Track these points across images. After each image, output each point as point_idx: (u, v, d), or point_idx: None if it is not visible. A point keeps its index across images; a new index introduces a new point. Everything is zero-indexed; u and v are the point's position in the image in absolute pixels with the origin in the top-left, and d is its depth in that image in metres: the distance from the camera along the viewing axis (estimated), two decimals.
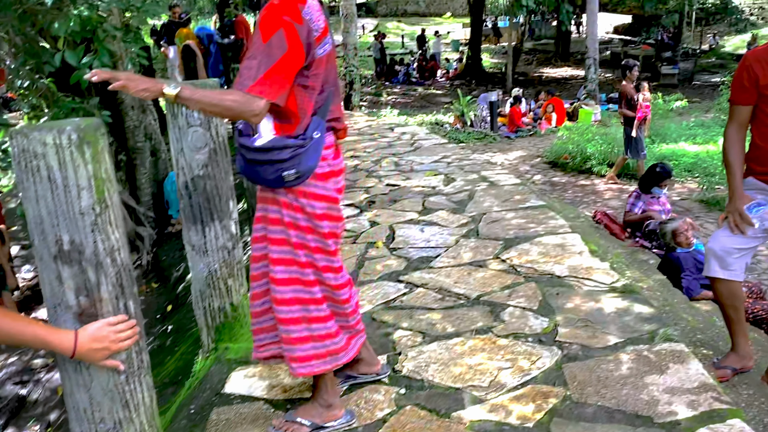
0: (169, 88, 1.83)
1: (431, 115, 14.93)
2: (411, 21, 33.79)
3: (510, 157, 11.40)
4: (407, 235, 4.30)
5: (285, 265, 2.13)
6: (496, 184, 5.40)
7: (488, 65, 24.31)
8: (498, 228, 4.30)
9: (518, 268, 3.63)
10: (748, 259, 2.87)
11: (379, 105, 16.35)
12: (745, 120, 2.81)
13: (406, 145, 7.28)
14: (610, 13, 32.19)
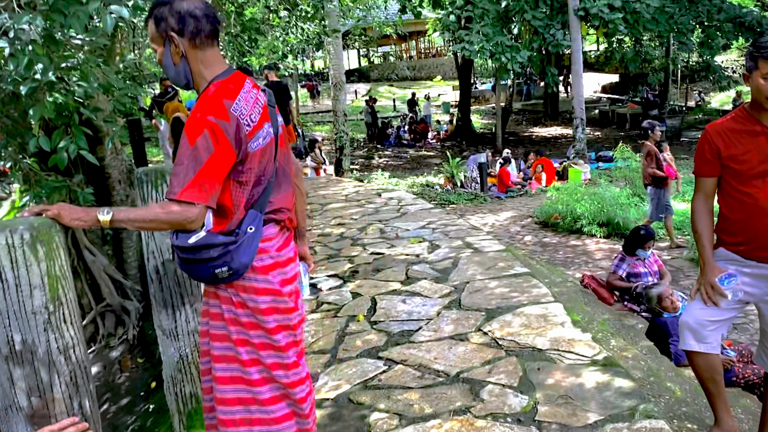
0: (102, 215, 1.82)
1: (422, 177, 15.09)
2: (402, 85, 34.55)
3: (501, 217, 11.44)
4: (389, 307, 4.26)
5: (226, 363, 2.06)
6: (481, 251, 5.39)
7: (478, 126, 24.71)
8: (481, 298, 4.26)
9: (500, 341, 3.58)
10: (724, 331, 2.84)
11: (370, 168, 16.52)
12: (711, 191, 2.83)
13: (392, 211, 7.31)
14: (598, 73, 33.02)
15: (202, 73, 2.01)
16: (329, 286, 4.84)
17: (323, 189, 9.33)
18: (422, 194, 12.73)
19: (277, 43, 12.97)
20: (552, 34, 15.28)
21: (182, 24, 1.95)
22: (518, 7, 15.39)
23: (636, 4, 15.37)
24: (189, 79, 2.04)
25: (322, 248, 5.90)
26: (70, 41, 3.17)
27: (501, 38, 14.65)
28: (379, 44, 37.66)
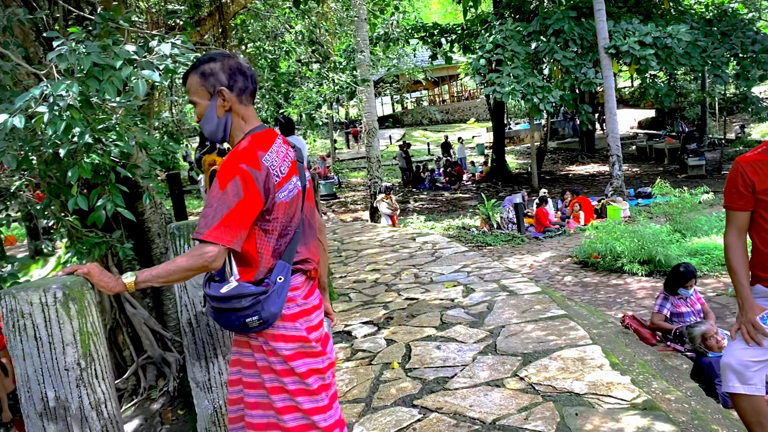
0: (126, 278, 1.90)
1: (458, 220, 15.05)
2: (436, 129, 34.84)
3: (539, 258, 11.30)
4: (423, 353, 4.22)
5: (262, 410, 2.10)
6: (516, 293, 5.32)
7: (514, 166, 24.66)
8: (516, 342, 4.20)
9: (536, 386, 3.51)
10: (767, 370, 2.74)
11: (406, 212, 16.57)
12: (744, 225, 2.77)
13: (426, 255, 7.30)
14: (633, 109, 32.82)
15: (242, 127, 2.12)
16: (364, 333, 4.83)
17: (358, 235, 9.38)
18: (458, 237, 12.69)
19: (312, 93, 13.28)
20: (583, 73, 15.30)
21: (233, 80, 2.08)
22: (548, 48, 15.48)
23: (667, 40, 15.33)
24: (227, 132, 2.14)
25: (357, 295, 5.91)
26: (105, 104, 3.31)
27: (532, 79, 14.73)
28: (411, 90, 38.18)
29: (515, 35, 15.60)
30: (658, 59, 15.43)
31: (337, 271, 6.92)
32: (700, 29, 17.37)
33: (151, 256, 7.06)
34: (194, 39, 6.34)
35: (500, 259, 10.71)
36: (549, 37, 15.62)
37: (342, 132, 33.29)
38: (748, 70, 17.52)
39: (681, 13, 19.01)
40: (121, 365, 7.22)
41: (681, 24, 16.22)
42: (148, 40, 3.74)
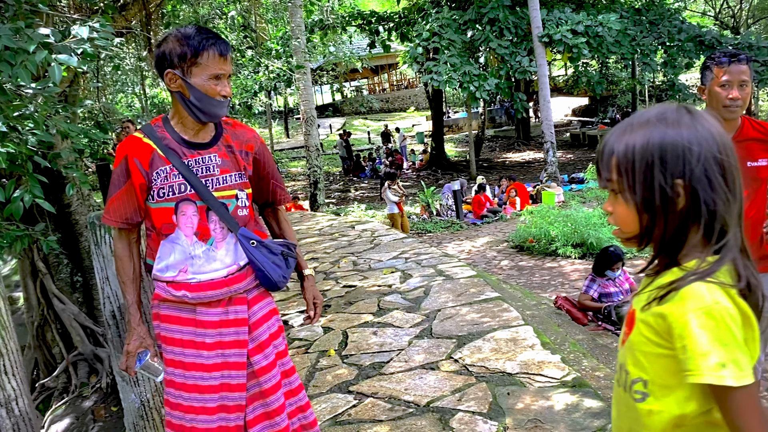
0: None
1: None
2: (377, 117, 34.85)
3: (477, 243, 11.47)
4: (360, 340, 4.22)
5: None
6: (452, 278, 5.38)
7: (453, 154, 24.93)
8: (452, 325, 4.24)
9: (470, 367, 3.55)
10: None
11: (347, 201, 16.54)
12: None
13: (365, 243, 7.30)
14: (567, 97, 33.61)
15: None
16: (301, 322, 4.79)
17: (297, 225, 9.30)
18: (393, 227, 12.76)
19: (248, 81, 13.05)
20: (518, 62, 15.55)
21: None
22: (483, 36, 15.66)
23: (598, 28, 15.72)
24: None
25: (294, 284, 5.85)
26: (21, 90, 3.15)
27: (468, 68, 14.88)
28: (351, 78, 38.04)
29: (451, 23, 15.72)
30: (589, 47, 15.81)
31: None
32: (629, 18, 17.90)
33: (80, 249, 6.83)
34: (119, 24, 6.11)
35: (440, 245, 10.82)
36: (484, 25, 15.81)
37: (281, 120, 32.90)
38: (674, 58, 18.17)
39: (611, 2, 19.53)
40: (50, 363, 6.96)
41: (611, 13, 16.66)
42: (69, 25, 3.58)
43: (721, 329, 1.03)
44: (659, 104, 1.17)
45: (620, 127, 1.17)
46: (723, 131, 1.12)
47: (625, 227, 1.17)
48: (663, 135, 1.09)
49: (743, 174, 2.70)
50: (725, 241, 1.10)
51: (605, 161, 1.16)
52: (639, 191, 1.11)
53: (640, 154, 1.10)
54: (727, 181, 1.09)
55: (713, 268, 1.08)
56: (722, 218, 1.08)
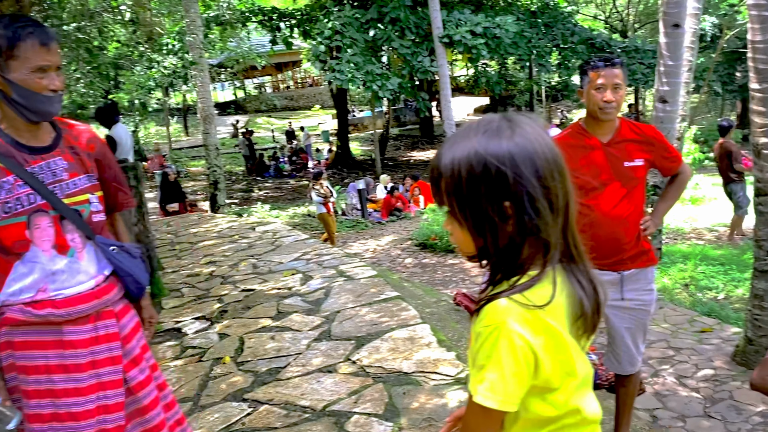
0: None
1: (304, 207, 14.98)
2: (281, 115, 34.39)
3: (382, 242, 11.54)
4: (257, 345, 4.12)
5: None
6: (353, 278, 5.36)
7: (358, 153, 24.99)
8: (351, 326, 4.22)
9: (367, 368, 3.54)
10: None
11: (250, 201, 16.21)
12: None
13: (266, 245, 7.15)
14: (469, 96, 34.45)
15: None
16: (195, 329, 4.62)
17: (194, 227, 9.00)
18: (304, 225, 12.62)
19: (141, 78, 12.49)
20: (420, 61, 15.74)
21: None
22: (385, 36, 15.76)
23: (496, 30, 16.16)
24: None
25: (190, 289, 5.65)
26: None
27: (371, 67, 14.92)
28: (254, 75, 37.33)
29: (353, 22, 15.71)
30: (488, 48, 16.22)
31: (169, 265, 6.58)
32: (525, 21, 18.53)
33: None
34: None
35: (345, 244, 10.80)
36: (386, 25, 15.90)
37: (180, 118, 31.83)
38: (568, 59, 18.98)
39: (509, 4, 20.15)
40: None
41: (508, 15, 17.18)
42: None
43: (498, 349, 1.03)
44: (484, 116, 1.15)
45: (447, 144, 1.13)
46: (546, 140, 1.11)
47: (463, 247, 1.15)
48: (485, 151, 1.06)
49: (621, 174, 2.82)
50: (550, 255, 1.10)
51: (435, 182, 1.13)
52: (468, 214, 1.09)
53: (465, 176, 1.07)
54: (549, 193, 1.08)
55: (527, 284, 1.08)
56: (546, 232, 1.08)
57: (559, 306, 1.12)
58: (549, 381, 1.09)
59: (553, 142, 1.13)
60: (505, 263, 1.13)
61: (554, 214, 1.09)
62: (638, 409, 4.77)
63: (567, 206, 1.13)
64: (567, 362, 1.10)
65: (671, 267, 8.42)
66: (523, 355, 1.04)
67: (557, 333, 1.09)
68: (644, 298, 2.91)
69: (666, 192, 3.04)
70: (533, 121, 1.14)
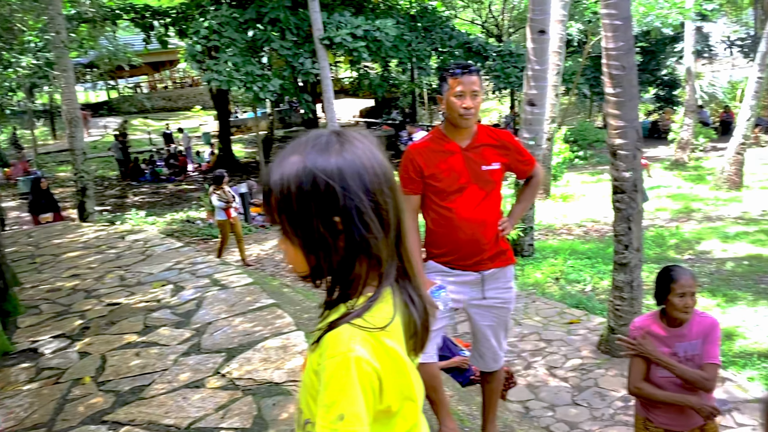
0: None
1: (182, 213, 14.45)
2: (159, 117, 32.97)
3: (266, 247, 11.35)
4: (120, 363, 3.89)
5: None
6: (228, 287, 5.20)
7: (242, 156, 24.44)
8: (222, 337, 4.08)
9: (237, 381, 3.43)
10: (438, 340, 3.00)
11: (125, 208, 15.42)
12: (415, 207, 2.98)
13: (136, 254, 6.80)
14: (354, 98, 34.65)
15: None
16: (54, 348, 4.29)
17: (58, 237, 8.41)
18: (182, 231, 12.16)
19: None
20: (301, 63, 15.60)
21: None
22: (265, 36, 15.49)
23: (376, 33, 16.31)
24: None
25: (50, 305, 5.26)
26: None
27: (251, 67, 14.60)
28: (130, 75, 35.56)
29: (231, 21, 15.32)
30: (369, 51, 16.33)
31: (27, 280, 6.10)
32: (405, 24, 18.84)
33: None
34: None
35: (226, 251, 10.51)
36: (266, 25, 15.63)
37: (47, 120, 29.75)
38: (446, 63, 19.51)
39: (389, 8, 20.42)
40: None
41: (388, 18, 17.39)
42: None
43: (349, 380, 0.99)
44: (313, 131, 1.13)
45: (277, 160, 1.10)
46: (376, 155, 1.09)
47: (296, 266, 1.12)
48: (313, 166, 1.04)
49: (480, 177, 2.89)
50: (383, 272, 1.09)
51: (266, 199, 1.09)
52: (299, 231, 1.06)
53: (294, 192, 1.04)
54: (379, 208, 1.06)
55: (366, 306, 1.06)
56: (377, 247, 1.06)
57: (397, 326, 1.11)
58: (390, 405, 1.07)
59: (384, 158, 1.12)
60: (340, 282, 1.10)
61: (385, 230, 1.07)
62: (511, 402, 4.97)
63: (399, 222, 1.12)
64: (407, 385, 1.09)
65: (543, 262, 8.85)
66: (370, 382, 1.01)
67: (397, 355, 1.07)
68: (504, 296, 3.02)
69: (521, 194, 3.17)
70: (364, 137, 1.12)
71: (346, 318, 1.05)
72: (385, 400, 1.05)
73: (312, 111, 19.50)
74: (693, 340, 2.86)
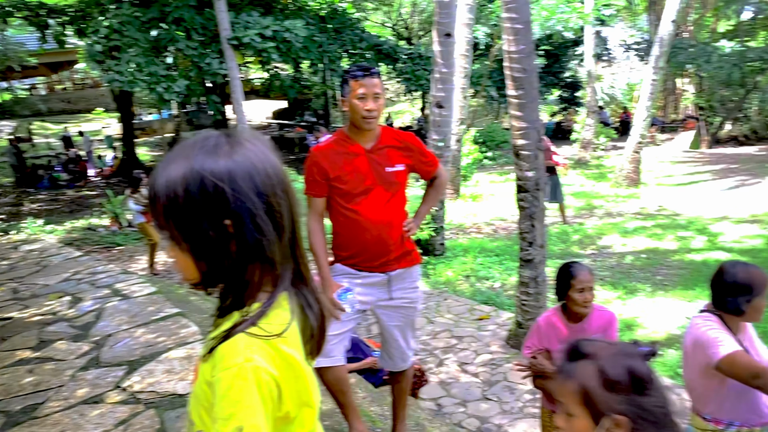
0: None
1: (84, 220, 13.76)
2: (58, 120, 31.32)
3: None
4: (11, 381, 3.65)
5: None
6: (129, 297, 4.99)
7: (148, 159, 23.57)
8: (123, 350, 3.91)
9: (139, 394, 3.29)
10: (347, 342, 2.98)
11: (20, 217, 14.52)
12: (321, 210, 2.95)
13: (31, 266, 6.42)
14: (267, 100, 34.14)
15: None
16: None
17: None
18: (83, 239, 11.57)
19: None
20: (208, 63, 15.23)
21: None
22: (169, 36, 15.01)
23: (286, 34, 16.14)
24: None
25: None
26: None
27: (154, 68, 14.12)
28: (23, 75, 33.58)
29: (133, 21, 14.75)
30: (279, 52, 16.14)
31: None
32: (316, 25, 18.75)
33: None
34: None
35: (131, 259, 10.10)
36: (170, 24, 15.15)
37: None
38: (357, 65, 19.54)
39: (299, 8, 20.24)
40: None
41: (298, 19, 17.25)
42: None
43: (247, 391, 0.97)
44: (202, 131, 1.10)
45: (163, 164, 1.06)
46: (268, 156, 1.08)
47: (186, 274, 1.07)
48: (201, 168, 1.00)
49: (384, 179, 2.89)
50: (278, 276, 1.07)
51: (152, 203, 1.05)
52: (188, 236, 1.02)
53: (182, 195, 1.00)
54: (272, 210, 1.04)
55: (261, 312, 1.03)
56: (270, 250, 1.04)
57: (294, 331, 1.08)
58: (289, 412, 1.05)
59: (277, 160, 1.10)
60: (233, 289, 1.07)
61: (279, 232, 1.05)
62: (424, 399, 5.02)
63: (294, 225, 1.09)
64: (304, 391, 1.07)
65: (453, 260, 9.02)
66: (269, 390, 0.99)
67: (295, 361, 1.04)
68: (411, 295, 3.04)
69: (426, 195, 3.20)
70: (256, 139, 1.10)
71: (240, 327, 1.02)
72: (284, 407, 1.03)
73: (221, 112, 19.11)
74: (593, 335, 2.98)
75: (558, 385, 1.36)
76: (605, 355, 1.31)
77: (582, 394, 1.29)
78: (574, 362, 1.35)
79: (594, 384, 1.27)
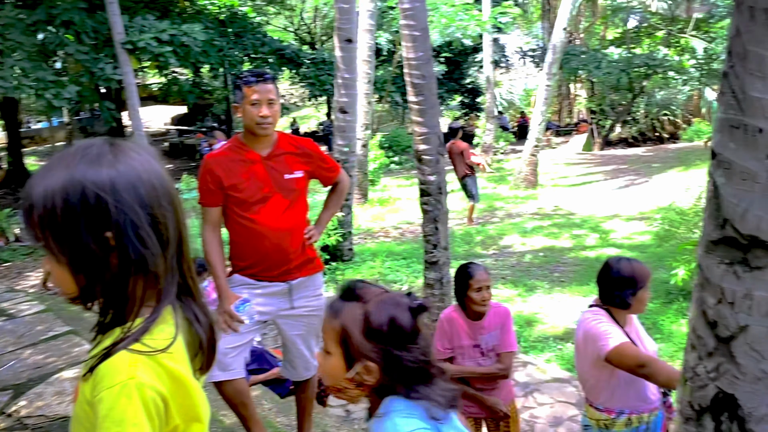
0: None
1: None
2: None
3: None
4: None
5: None
6: (15, 316, 4.68)
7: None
8: (9, 373, 3.66)
9: (26, 420, 3.09)
10: (246, 354, 2.92)
11: None
12: (217, 220, 2.88)
13: None
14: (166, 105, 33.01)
15: None
16: None
17: None
18: None
19: None
20: (101, 68, 14.58)
21: None
22: (58, 40, 14.26)
23: (184, 38, 15.68)
24: None
25: None
26: None
27: (42, 73, 13.36)
28: None
29: (17, 23, 13.88)
30: (176, 56, 15.66)
31: None
32: (215, 29, 18.35)
33: None
34: None
35: (20, 276, 9.51)
36: (58, 27, 14.39)
37: None
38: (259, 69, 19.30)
39: (198, 12, 19.75)
40: None
41: (197, 23, 16.80)
42: None
43: (131, 410, 0.94)
44: (83, 141, 1.06)
45: (40, 172, 1.01)
46: (153, 167, 1.04)
47: (64, 288, 1.03)
48: (83, 178, 0.97)
49: (283, 186, 2.86)
50: (162, 290, 1.03)
51: (27, 214, 0.99)
52: (66, 248, 0.98)
53: (60, 206, 0.96)
54: (157, 223, 1.01)
55: (144, 328, 1.00)
56: (154, 264, 1.01)
57: (179, 346, 1.04)
58: (177, 426, 1.01)
59: (164, 170, 1.06)
60: (114, 304, 1.02)
61: (164, 245, 1.02)
62: (332, 407, 4.98)
63: (180, 237, 1.05)
64: (193, 407, 1.03)
65: (362, 265, 9.06)
66: (156, 406, 0.95)
67: (181, 376, 1.01)
68: (314, 303, 3.01)
69: (327, 201, 3.19)
70: (141, 148, 1.06)
71: (122, 344, 0.98)
72: (172, 422, 1.00)
73: (116, 119, 18.33)
74: (492, 331, 3.08)
75: (324, 321, 1.38)
76: (374, 302, 1.33)
77: (341, 334, 1.32)
78: (345, 302, 1.36)
79: (355, 328, 1.30)
